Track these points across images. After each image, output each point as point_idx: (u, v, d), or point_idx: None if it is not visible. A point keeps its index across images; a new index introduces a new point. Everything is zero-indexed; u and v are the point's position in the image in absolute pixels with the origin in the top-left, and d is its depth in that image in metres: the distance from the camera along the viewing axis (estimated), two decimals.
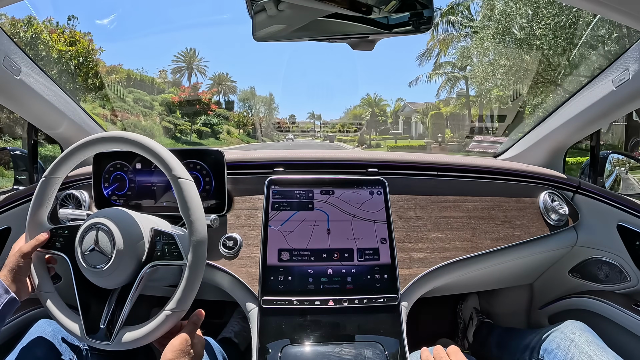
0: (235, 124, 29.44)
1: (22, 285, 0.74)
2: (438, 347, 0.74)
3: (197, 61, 34.52)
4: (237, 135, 28.27)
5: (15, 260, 0.73)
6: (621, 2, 0.65)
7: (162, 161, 0.72)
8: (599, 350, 0.79)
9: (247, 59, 60.43)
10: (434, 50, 21.15)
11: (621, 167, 1.28)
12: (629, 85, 0.90)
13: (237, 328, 1.27)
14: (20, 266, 0.73)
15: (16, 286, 0.73)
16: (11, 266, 0.73)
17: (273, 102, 37.67)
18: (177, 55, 34.40)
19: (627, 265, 1.01)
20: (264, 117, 34.82)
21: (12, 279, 0.72)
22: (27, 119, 1.13)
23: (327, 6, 0.68)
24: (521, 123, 11.83)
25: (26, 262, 0.74)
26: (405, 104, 30.09)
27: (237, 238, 0.92)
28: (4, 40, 0.89)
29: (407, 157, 1.10)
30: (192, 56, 34.33)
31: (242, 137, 28.63)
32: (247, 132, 30.70)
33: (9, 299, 0.70)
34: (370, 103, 32.66)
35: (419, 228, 0.97)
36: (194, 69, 34.27)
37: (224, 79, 35.33)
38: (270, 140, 31.10)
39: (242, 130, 29.80)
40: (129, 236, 0.72)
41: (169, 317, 0.69)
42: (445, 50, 20.38)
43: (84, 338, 0.71)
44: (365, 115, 32.18)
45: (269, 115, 36.30)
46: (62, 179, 0.79)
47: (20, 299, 0.73)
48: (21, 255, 0.73)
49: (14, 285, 0.72)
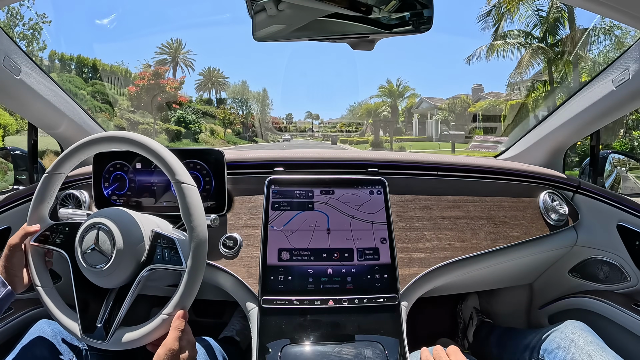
0: (221, 122, 25.82)
1: (18, 278, 0.74)
2: (437, 347, 0.74)
3: (183, 53, 30.25)
4: (222, 136, 24.73)
5: (6, 253, 0.73)
6: (621, 2, 0.66)
7: (165, 164, 0.72)
8: (599, 350, 0.79)
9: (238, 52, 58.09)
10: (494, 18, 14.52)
11: (621, 167, 1.28)
12: (629, 85, 0.90)
13: (238, 327, 1.27)
14: (11, 258, 0.73)
15: (10, 279, 0.73)
16: (3, 258, 0.73)
17: (267, 98, 33.31)
18: (161, 47, 29.83)
19: (627, 265, 1.01)
20: (256, 115, 30.67)
21: (5, 272, 0.73)
22: (27, 119, 1.13)
23: (327, 6, 0.68)
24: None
25: (18, 253, 0.74)
26: (421, 99, 25.67)
27: (237, 238, 0.92)
28: (4, 40, 0.89)
29: (407, 157, 1.10)
30: (178, 48, 29.98)
31: (228, 138, 25.25)
32: (237, 132, 27.26)
33: (5, 292, 0.70)
34: (392, 92, 25.84)
35: (419, 228, 0.97)
36: (179, 61, 30.08)
37: (214, 75, 31.57)
38: (264, 141, 27.87)
39: (230, 129, 26.43)
40: (129, 237, 0.72)
41: (166, 321, 0.69)
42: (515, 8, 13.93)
43: (81, 336, 0.71)
44: (383, 110, 26.18)
45: (262, 112, 32.12)
46: (65, 176, 0.79)
47: (17, 291, 0.73)
48: (11, 247, 0.74)
49: (8, 278, 0.73)
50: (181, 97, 23.02)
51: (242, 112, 29.69)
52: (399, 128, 25.93)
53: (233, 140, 25.22)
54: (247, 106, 30.82)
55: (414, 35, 0.74)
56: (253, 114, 30.34)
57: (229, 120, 26.42)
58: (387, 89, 25.90)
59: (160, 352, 0.66)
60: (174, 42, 29.83)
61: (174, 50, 29.90)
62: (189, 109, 22.59)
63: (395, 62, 54.42)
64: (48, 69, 13.53)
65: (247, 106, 30.77)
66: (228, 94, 31.47)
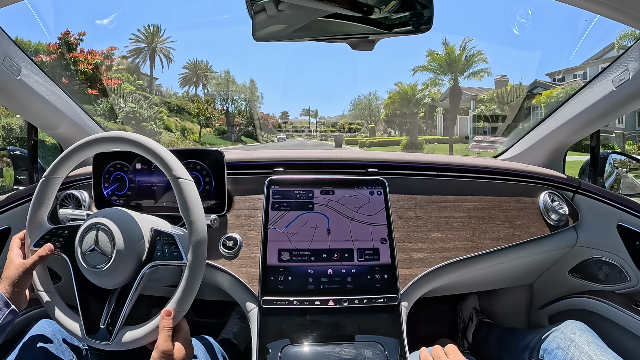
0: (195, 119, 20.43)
1: (22, 296, 0.74)
2: (436, 347, 0.74)
3: (161, 41, 25.55)
4: (195, 137, 19.33)
5: (18, 274, 0.72)
6: (621, 2, 0.66)
7: (162, 161, 0.72)
8: (599, 350, 0.79)
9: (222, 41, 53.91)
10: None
11: (621, 168, 1.28)
12: (629, 85, 0.90)
13: (235, 329, 1.26)
14: (22, 280, 0.73)
15: (16, 298, 0.72)
16: (12, 280, 0.72)
17: (255, 90, 27.59)
18: (136, 34, 25.31)
19: (627, 265, 1.01)
20: (243, 112, 25.59)
21: (12, 291, 0.72)
22: (27, 119, 1.14)
23: (327, 6, 0.68)
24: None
25: (28, 276, 0.74)
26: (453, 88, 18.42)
27: (237, 238, 0.92)
28: (4, 41, 0.89)
29: (407, 157, 1.10)
30: (155, 35, 25.25)
31: (207, 139, 20.02)
32: (221, 131, 22.56)
33: (9, 311, 0.70)
34: (450, 62, 17.34)
35: (419, 228, 0.97)
36: (157, 51, 25.52)
37: (201, 68, 27.45)
38: (254, 142, 23.37)
39: (210, 128, 21.66)
40: (129, 236, 0.72)
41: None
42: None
43: (84, 338, 0.71)
44: (428, 94, 19.31)
45: (252, 108, 26.61)
46: (62, 179, 0.79)
47: (20, 309, 0.73)
48: (23, 270, 0.73)
49: (15, 298, 0.72)
50: (109, 80, 15.18)
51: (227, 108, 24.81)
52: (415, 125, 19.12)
53: (211, 142, 19.85)
54: (234, 101, 25.94)
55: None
56: (241, 110, 25.95)
57: (205, 116, 21.02)
58: (444, 56, 16.74)
59: (155, 355, 0.65)
60: (151, 28, 25.50)
61: (150, 37, 25.35)
62: (145, 100, 16.93)
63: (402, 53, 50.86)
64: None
65: (233, 101, 25.88)
66: (210, 87, 26.69)
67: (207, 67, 28.10)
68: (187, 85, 27.90)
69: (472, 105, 18.00)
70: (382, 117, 22.49)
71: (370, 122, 25.39)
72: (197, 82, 27.75)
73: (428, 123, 20.36)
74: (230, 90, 25.84)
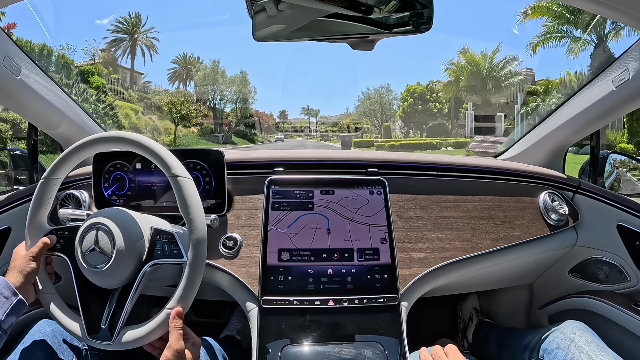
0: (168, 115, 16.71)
1: (30, 287, 0.74)
2: (436, 347, 0.74)
3: (143, 32, 23.08)
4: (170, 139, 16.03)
5: (26, 262, 0.72)
6: (621, 2, 0.66)
7: (161, 160, 0.72)
8: (598, 350, 0.79)
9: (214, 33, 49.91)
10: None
11: (621, 168, 1.28)
12: (629, 85, 0.90)
13: (238, 326, 1.27)
14: (31, 268, 0.73)
15: (25, 288, 0.72)
16: (20, 268, 0.72)
17: (247, 83, 23.22)
18: (116, 24, 22.55)
19: (627, 265, 1.01)
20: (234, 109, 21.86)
21: (22, 280, 0.72)
22: (27, 119, 1.14)
23: (327, 6, 0.68)
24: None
25: (37, 263, 0.74)
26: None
27: (237, 238, 0.92)
28: (4, 41, 0.89)
29: (407, 157, 1.10)
30: (137, 25, 22.86)
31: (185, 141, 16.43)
32: (209, 131, 19.33)
33: (17, 300, 0.70)
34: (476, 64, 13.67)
35: (419, 228, 0.97)
36: (138, 42, 22.96)
37: (192, 62, 25.17)
38: (247, 143, 20.48)
39: (193, 128, 18.17)
40: (129, 236, 0.72)
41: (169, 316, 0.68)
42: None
43: (85, 338, 0.71)
44: (466, 85, 15.49)
45: (243, 105, 22.79)
46: (62, 179, 0.79)
47: (28, 301, 0.73)
48: (31, 257, 0.73)
49: (23, 287, 0.72)
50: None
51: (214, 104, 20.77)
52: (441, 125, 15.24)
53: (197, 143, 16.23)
54: (223, 96, 22.13)
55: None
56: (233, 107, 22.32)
57: (180, 113, 16.90)
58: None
59: (167, 354, 0.65)
60: (132, 17, 22.88)
61: (131, 27, 22.87)
62: (98, 91, 14.11)
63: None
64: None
65: (222, 95, 22.06)
66: (196, 80, 22.76)
67: (197, 61, 25.43)
68: (177, 82, 25.56)
69: (519, 99, 13.25)
70: (398, 113, 19.13)
71: (383, 120, 21.92)
72: (187, 78, 25.38)
73: (453, 122, 16.56)
74: (217, 83, 22.18)
